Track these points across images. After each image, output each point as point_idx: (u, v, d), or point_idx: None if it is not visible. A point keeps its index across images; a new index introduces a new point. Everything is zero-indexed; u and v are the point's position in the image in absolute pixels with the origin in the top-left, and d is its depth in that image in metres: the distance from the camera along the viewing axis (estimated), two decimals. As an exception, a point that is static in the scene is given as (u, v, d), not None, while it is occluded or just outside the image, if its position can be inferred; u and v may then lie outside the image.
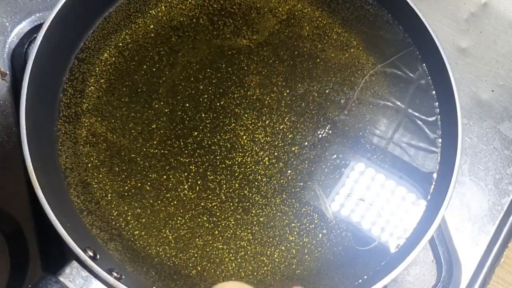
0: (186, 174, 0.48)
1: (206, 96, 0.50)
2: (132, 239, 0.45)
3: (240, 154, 0.49)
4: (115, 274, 0.41)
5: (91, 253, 0.40)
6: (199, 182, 0.47)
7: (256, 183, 0.48)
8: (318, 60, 0.52)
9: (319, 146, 0.50)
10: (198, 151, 0.48)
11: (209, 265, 0.45)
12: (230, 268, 0.45)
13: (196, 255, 0.45)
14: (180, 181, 0.47)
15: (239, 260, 0.46)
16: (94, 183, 0.46)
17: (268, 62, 0.52)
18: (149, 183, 0.47)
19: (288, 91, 0.51)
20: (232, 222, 0.47)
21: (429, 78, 0.52)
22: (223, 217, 0.47)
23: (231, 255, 0.46)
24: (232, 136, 0.49)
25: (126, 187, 0.47)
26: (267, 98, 0.51)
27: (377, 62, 0.53)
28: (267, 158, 0.49)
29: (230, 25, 0.53)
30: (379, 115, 0.51)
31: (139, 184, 0.47)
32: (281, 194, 0.48)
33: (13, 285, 0.48)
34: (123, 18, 0.52)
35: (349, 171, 0.49)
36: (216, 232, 0.46)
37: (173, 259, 0.45)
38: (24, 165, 0.41)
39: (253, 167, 0.48)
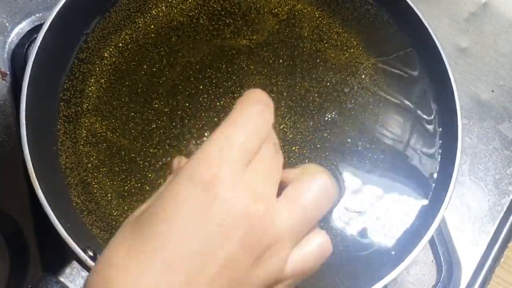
0: (186, 174, 0.47)
1: (206, 96, 0.50)
2: (132, 239, 0.45)
3: (240, 154, 0.49)
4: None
5: (91, 253, 0.40)
6: (199, 182, 0.47)
7: (256, 183, 0.48)
8: (318, 60, 0.52)
9: (319, 146, 0.50)
10: (198, 151, 0.48)
11: (209, 265, 0.45)
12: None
13: (196, 255, 0.45)
14: (180, 181, 0.47)
15: (239, 260, 0.46)
16: (94, 183, 0.46)
17: (268, 62, 0.52)
18: (149, 183, 0.47)
19: (288, 91, 0.51)
20: (232, 222, 0.47)
21: (429, 78, 0.52)
22: (223, 217, 0.47)
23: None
24: (232, 136, 0.49)
25: (126, 187, 0.47)
26: (267, 98, 0.51)
27: (377, 62, 0.53)
28: (267, 158, 0.49)
29: (230, 25, 0.53)
30: (379, 115, 0.51)
31: (139, 184, 0.47)
32: (281, 194, 0.48)
33: (13, 285, 0.48)
34: (123, 18, 0.52)
35: (349, 171, 0.49)
36: (216, 232, 0.46)
37: (173, 259, 0.45)
38: (24, 165, 0.41)
39: (253, 167, 0.48)
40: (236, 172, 0.26)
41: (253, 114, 0.27)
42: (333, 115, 0.51)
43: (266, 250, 0.26)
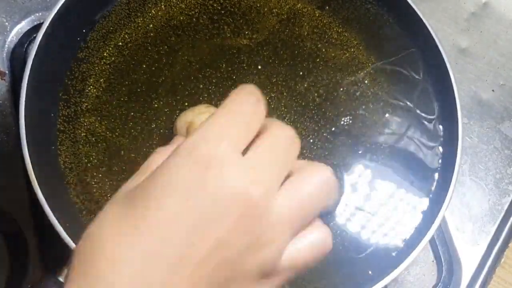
0: (186, 174, 0.47)
1: (206, 95, 0.50)
2: (131, 239, 0.45)
3: (240, 154, 0.49)
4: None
5: (90, 253, 0.40)
6: (199, 182, 0.47)
7: (256, 183, 0.48)
8: (318, 60, 0.52)
9: (319, 146, 0.49)
10: (198, 151, 0.48)
11: (209, 265, 0.45)
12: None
13: (196, 255, 0.45)
14: (180, 181, 0.47)
15: (239, 260, 0.45)
16: (93, 183, 0.46)
17: (268, 62, 0.52)
18: (149, 183, 0.47)
19: (288, 91, 0.51)
20: (232, 222, 0.46)
21: (429, 77, 0.52)
22: (223, 217, 0.46)
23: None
24: (232, 135, 0.49)
25: (126, 187, 0.46)
26: (267, 98, 0.51)
27: (377, 62, 0.53)
28: (267, 158, 0.49)
29: (230, 24, 0.52)
30: (379, 115, 0.51)
31: (139, 184, 0.47)
32: (281, 194, 0.48)
33: (12, 285, 0.48)
34: (122, 17, 0.51)
35: (349, 171, 0.49)
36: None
37: (173, 259, 0.45)
38: (24, 165, 0.41)
39: (253, 167, 0.48)
40: (236, 152, 0.25)
41: (248, 102, 0.28)
42: (333, 115, 0.51)
43: (261, 237, 0.25)
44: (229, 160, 0.25)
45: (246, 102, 0.28)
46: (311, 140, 0.50)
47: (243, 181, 0.25)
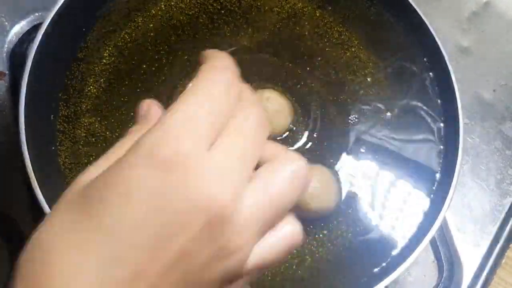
0: (186, 174, 0.47)
1: (206, 95, 0.50)
2: (131, 239, 0.45)
3: (240, 154, 0.48)
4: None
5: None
6: (199, 182, 0.47)
7: (256, 183, 0.48)
8: (319, 59, 0.52)
9: (320, 147, 0.49)
10: (198, 151, 0.48)
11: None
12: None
13: (196, 255, 0.45)
14: (180, 181, 0.47)
15: (239, 260, 0.45)
16: (93, 183, 0.46)
17: (268, 61, 0.52)
18: (148, 183, 0.47)
19: (288, 91, 0.51)
20: (232, 223, 0.46)
21: (430, 77, 0.52)
22: (223, 217, 0.46)
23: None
24: (232, 136, 0.49)
25: (126, 187, 0.46)
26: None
27: (378, 61, 0.53)
28: (267, 158, 0.49)
29: (230, 24, 0.52)
30: (379, 115, 0.51)
31: (139, 184, 0.47)
32: (282, 194, 0.47)
33: (12, 286, 0.47)
34: (122, 17, 0.51)
35: (350, 172, 0.49)
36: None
37: (173, 259, 0.45)
38: (23, 166, 0.41)
39: (253, 167, 0.48)
40: (202, 150, 0.23)
41: (219, 82, 0.25)
42: (334, 115, 0.51)
43: (227, 244, 0.23)
44: (194, 162, 0.22)
45: (218, 83, 0.25)
46: (312, 140, 0.49)
47: (209, 185, 0.22)
